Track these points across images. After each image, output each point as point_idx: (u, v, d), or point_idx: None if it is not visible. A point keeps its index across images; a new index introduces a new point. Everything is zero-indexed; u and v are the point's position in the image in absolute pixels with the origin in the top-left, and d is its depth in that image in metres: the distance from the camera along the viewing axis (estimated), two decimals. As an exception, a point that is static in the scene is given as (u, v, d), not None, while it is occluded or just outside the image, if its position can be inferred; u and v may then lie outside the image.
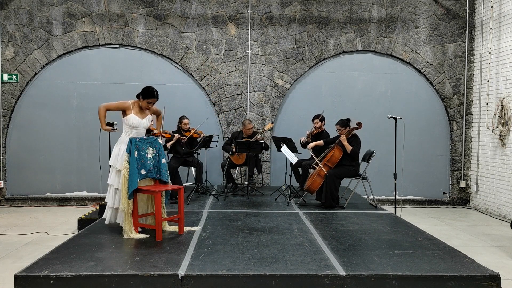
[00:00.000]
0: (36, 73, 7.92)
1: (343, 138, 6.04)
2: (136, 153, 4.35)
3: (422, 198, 8.35)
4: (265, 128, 7.43)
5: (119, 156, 4.47)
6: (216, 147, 7.27)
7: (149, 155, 4.47)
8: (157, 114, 4.97)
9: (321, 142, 6.48)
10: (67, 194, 8.08)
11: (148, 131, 4.97)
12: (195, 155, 7.07)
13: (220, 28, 8.07)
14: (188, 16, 8.03)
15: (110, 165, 4.62)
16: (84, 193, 8.09)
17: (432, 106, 8.31)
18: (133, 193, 4.35)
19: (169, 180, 4.67)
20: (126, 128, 4.61)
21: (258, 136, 7.15)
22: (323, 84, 8.25)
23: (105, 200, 4.69)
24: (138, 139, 4.42)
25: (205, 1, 8.03)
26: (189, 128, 7.15)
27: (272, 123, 7.83)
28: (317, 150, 6.51)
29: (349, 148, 6.01)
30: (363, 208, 6.04)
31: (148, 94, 4.55)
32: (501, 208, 7.34)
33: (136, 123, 4.56)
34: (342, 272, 3.34)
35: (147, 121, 4.67)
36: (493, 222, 7.02)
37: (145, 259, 3.60)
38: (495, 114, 7.39)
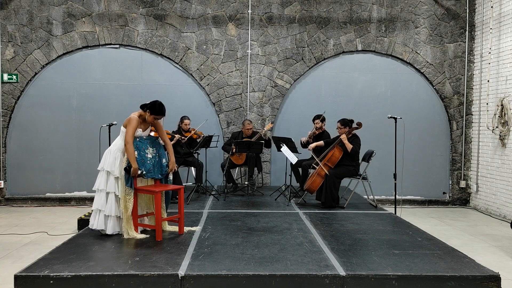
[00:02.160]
0: (36, 73, 7.91)
1: (343, 137, 6.04)
2: (136, 153, 4.34)
3: (422, 198, 8.35)
4: (265, 128, 7.42)
5: (116, 164, 4.34)
6: (216, 147, 7.27)
7: (149, 155, 4.47)
8: (157, 126, 4.61)
9: (321, 142, 6.48)
10: (67, 194, 8.08)
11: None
12: (195, 155, 7.07)
13: (220, 28, 8.07)
14: (188, 16, 8.03)
15: (105, 171, 4.34)
16: (84, 193, 8.09)
17: (432, 106, 8.30)
18: (132, 193, 4.35)
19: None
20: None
21: (262, 132, 7.16)
22: (323, 84, 8.25)
23: (100, 209, 4.35)
24: (138, 139, 4.41)
25: (205, 1, 8.03)
26: (189, 128, 7.16)
27: (272, 123, 7.83)
28: (317, 150, 6.51)
29: (349, 146, 6.01)
30: (363, 208, 6.04)
31: (157, 112, 4.38)
32: (501, 208, 7.33)
33: (137, 134, 4.41)
34: (342, 272, 3.34)
35: (147, 132, 4.55)
36: (493, 222, 7.01)
37: (145, 259, 3.60)
38: (495, 114, 7.39)
